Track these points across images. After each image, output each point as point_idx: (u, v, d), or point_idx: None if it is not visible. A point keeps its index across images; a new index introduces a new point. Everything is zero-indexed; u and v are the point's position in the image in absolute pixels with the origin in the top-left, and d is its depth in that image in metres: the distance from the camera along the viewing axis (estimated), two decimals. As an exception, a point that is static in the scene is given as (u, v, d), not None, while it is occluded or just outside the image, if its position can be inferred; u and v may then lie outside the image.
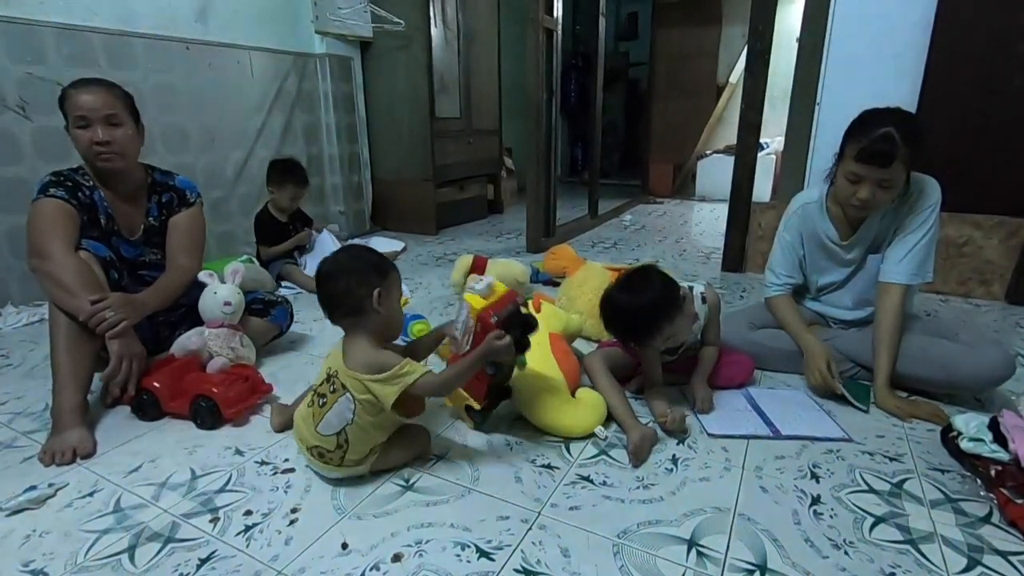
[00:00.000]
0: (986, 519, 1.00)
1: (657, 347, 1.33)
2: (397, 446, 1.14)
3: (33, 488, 1.08)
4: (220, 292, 1.50)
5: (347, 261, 1.11)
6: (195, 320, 1.55)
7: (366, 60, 3.48)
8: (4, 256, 2.07)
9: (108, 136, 1.36)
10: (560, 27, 3.13)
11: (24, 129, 2.07)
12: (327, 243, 2.61)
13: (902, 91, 2.13)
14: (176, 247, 1.56)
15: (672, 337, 1.31)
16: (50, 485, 1.10)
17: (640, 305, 1.25)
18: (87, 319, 1.25)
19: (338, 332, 1.12)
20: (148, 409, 1.34)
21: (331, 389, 1.07)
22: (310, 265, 2.55)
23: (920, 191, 1.40)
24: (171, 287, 1.49)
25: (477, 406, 1.09)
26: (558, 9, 3.09)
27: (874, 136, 1.27)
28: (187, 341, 1.46)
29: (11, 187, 2.04)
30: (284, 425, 1.30)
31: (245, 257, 2.46)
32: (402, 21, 3.22)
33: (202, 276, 1.51)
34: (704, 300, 1.40)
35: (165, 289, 1.47)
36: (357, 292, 1.07)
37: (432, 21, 3.31)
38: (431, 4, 3.28)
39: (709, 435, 1.26)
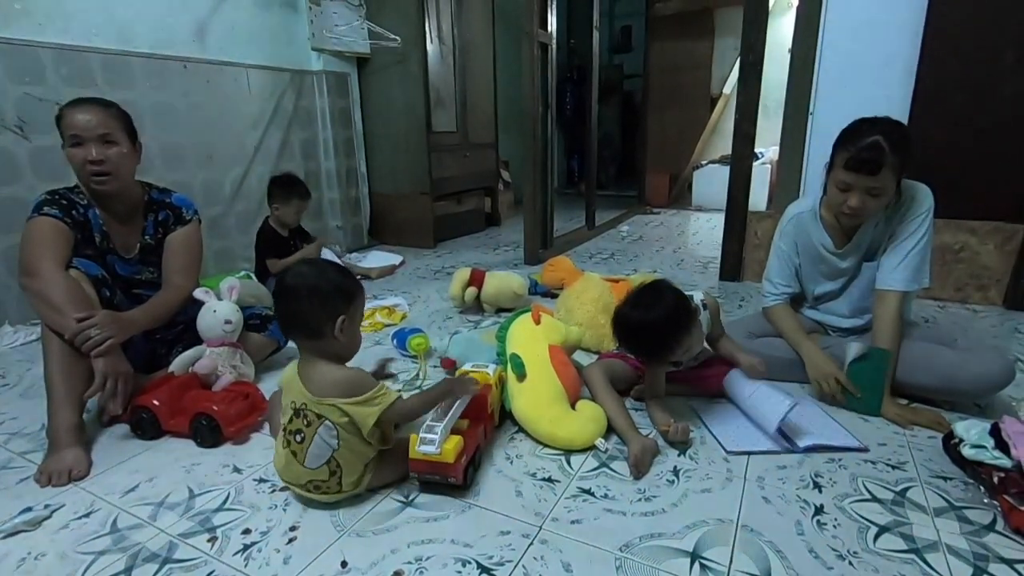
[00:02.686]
0: (990, 527, 1.00)
1: (672, 359, 1.33)
2: (390, 460, 1.12)
3: (29, 510, 1.07)
4: (220, 310, 1.48)
5: (313, 279, 1.03)
6: (192, 337, 1.54)
7: (362, 76, 3.51)
8: (1, 276, 2.07)
9: (101, 155, 1.35)
10: (555, 41, 3.17)
11: (22, 149, 2.08)
12: (326, 257, 2.62)
13: (894, 99, 2.15)
14: (172, 266, 1.54)
15: (689, 349, 1.31)
16: (46, 506, 1.09)
17: (656, 320, 1.25)
18: (72, 337, 1.24)
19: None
20: (147, 428, 1.33)
21: (305, 423, 1.03)
22: None
23: (913, 198, 1.41)
24: (164, 306, 1.48)
25: (458, 483, 1.10)
26: (552, 23, 3.12)
27: (862, 144, 1.28)
28: (197, 366, 1.44)
29: (9, 207, 2.04)
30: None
31: (243, 273, 2.46)
32: (398, 37, 3.25)
33: (198, 293, 1.50)
34: (705, 307, 1.40)
35: (157, 308, 1.46)
36: (319, 316, 1.02)
37: (428, 37, 3.34)
38: (426, 20, 3.32)
39: (727, 452, 1.23)
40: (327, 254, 2.64)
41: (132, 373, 1.32)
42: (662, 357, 1.31)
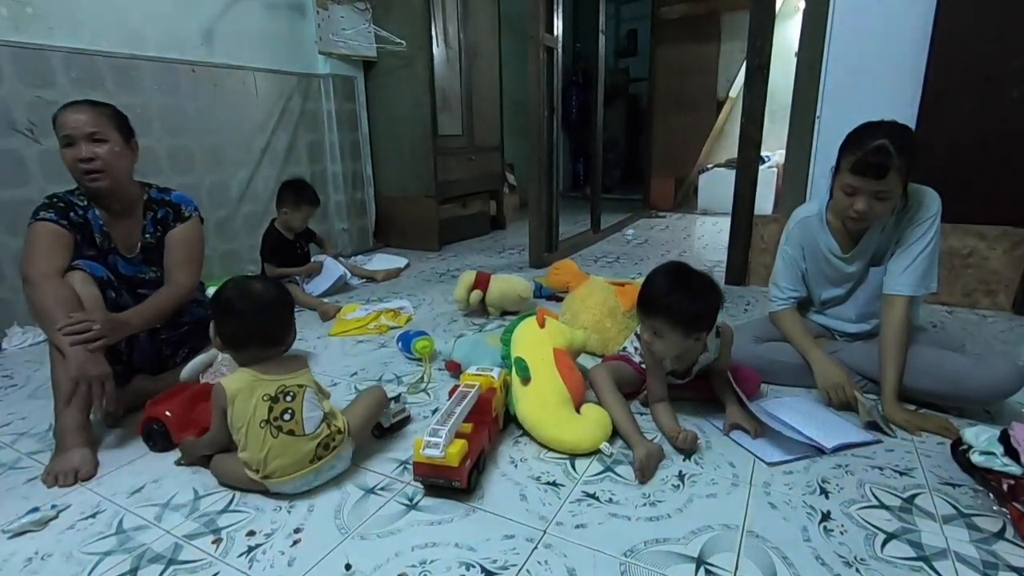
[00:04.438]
0: (1000, 534, 0.99)
1: (661, 353, 1.30)
2: (355, 407, 1.26)
3: (35, 510, 1.08)
4: None
5: (278, 296, 1.17)
6: (198, 337, 1.55)
7: (369, 79, 3.53)
8: (10, 277, 2.09)
9: (90, 152, 1.36)
10: (560, 45, 3.17)
11: (32, 151, 2.10)
12: (331, 267, 2.63)
13: (902, 103, 2.14)
14: (172, 262, 1.53)
15: (680, 358, 1.29)
16: (52, 507, 1.10)
17: (698, 273, 1.26)
18: (62, 328, 1.21)
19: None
20: (158, 439, 1.30)
21: (289, 399, 1.11)
22: (312, 286, 2.57)
23: (920, 202, 1.40)
24: (162, 306, 1.45)
25: (462, 486, 1.09)
26: (558, 27, 3.13)
27: (868, 148, 1.28)
28: (208, 379, 1.44)
29: (19, 209, 2.06)
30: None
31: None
32: (404, 41, 3.26)
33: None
34: (718, 334, 1.38)
35: (151, 309, 1.43)
36: (289, 327, 1.18)
37: (434, 40, 3.35)
38: (433, 23, 3.33)
39: (768, 464, 1.20)
40: (330, 265, 2.64)
41: (110, 374, 1.26)
42: (655, 319, 1.25)
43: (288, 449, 1.08)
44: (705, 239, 3.98)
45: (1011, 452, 1.05)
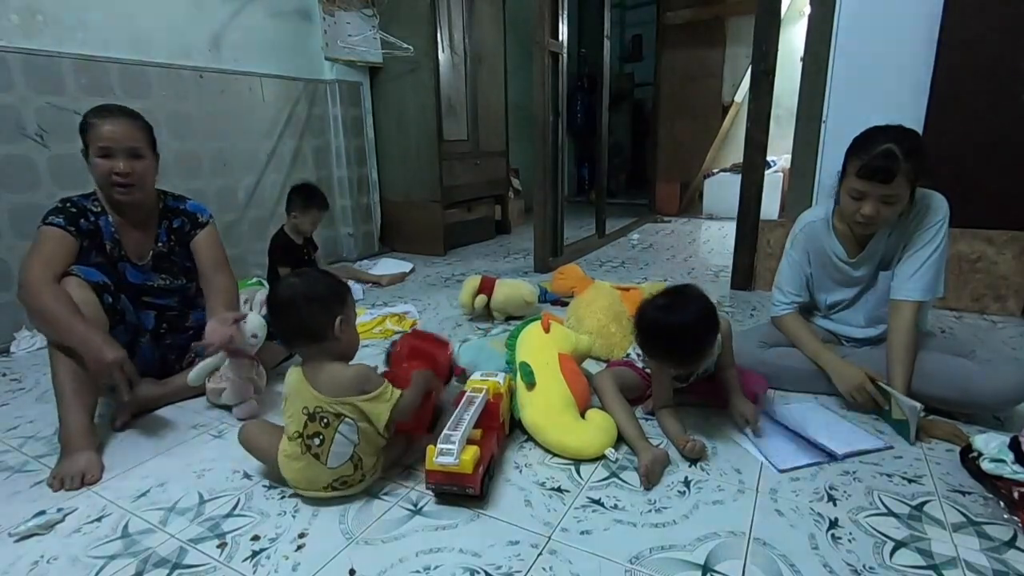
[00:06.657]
0: (1011, 543, 0.97)
1: (685, 369, 1.30)
2: (392, 439, 1.18)
3: (42, 513, 1.08)
4: (249, 322, 1.47)
5: (305, 287, 1.10)
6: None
7: (375, 84, 3.55)
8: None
9: (129, 168, 1.39)
10: (565, 50, 3.18)
11: (42, 157, 2.12)
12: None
13: (908, 107, 2.13)
14: (207, 267, 1.59)
15: (701, 363, 1.29)
16: (59, 510, 1.10)
17: (685, 326, 1.20)
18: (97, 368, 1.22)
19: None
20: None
21: (323, 424, 1.06)
22: None
23: (927, 207, 1.39)
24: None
25: (476, 493, 1.09)
26: (563, 33, 3.14)
27: (875, 152, 1.27)
28: (215, 383, 1.46)
29: (28, 213, 2.08)
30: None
31: (255, 280, 2.49)
32: (410, 47, 3.28)
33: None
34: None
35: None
36: (319, 320, 1.09)
37: (439, 46, 3.37)
38: (438, 29, 3.35)
39: (780, 471, 1.19)
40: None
41: (126, 355, 1.24)
42: (688, 365, 1.27)
43: (308, 469, 1.08)
44: (710, 244, 3.97)
45: (1021, 459, 1.04)
